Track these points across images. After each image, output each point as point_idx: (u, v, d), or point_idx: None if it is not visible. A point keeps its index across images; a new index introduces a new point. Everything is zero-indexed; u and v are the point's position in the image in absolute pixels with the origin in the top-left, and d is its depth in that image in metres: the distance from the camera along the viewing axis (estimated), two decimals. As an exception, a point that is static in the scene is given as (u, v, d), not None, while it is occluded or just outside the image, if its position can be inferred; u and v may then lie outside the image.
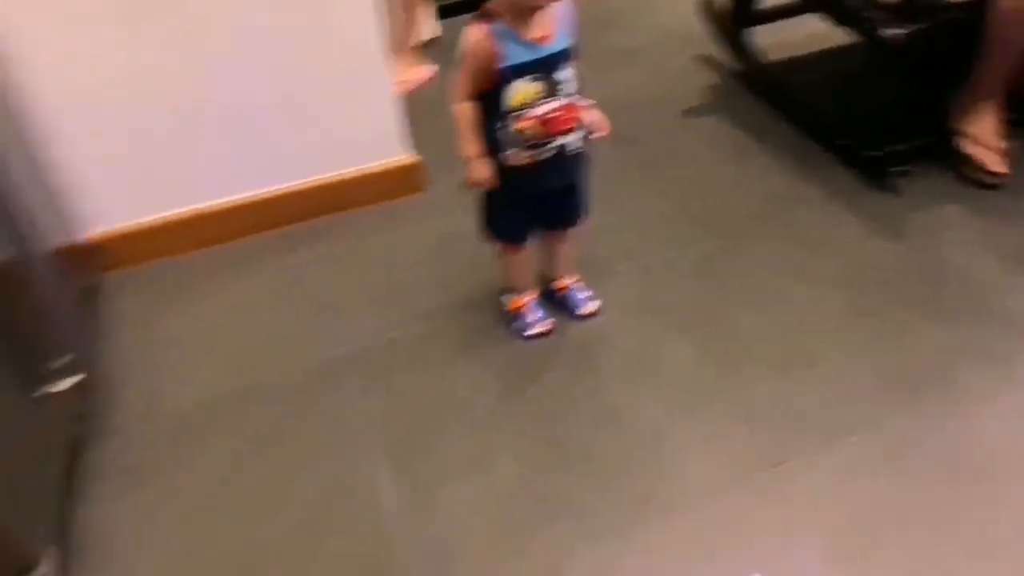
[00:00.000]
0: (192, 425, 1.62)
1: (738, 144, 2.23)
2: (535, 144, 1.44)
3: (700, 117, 2.36)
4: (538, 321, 1.70)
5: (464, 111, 1.44)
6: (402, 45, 2.68)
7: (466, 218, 1.77)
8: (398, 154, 2.14)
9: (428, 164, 2.16)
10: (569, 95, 1.43)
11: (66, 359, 1.47)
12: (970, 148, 1.95)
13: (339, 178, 2.11)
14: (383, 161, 2.13)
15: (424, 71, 2.74)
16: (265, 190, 2.08)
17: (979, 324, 1.62)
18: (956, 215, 1.89)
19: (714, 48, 2.56)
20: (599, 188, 1.65)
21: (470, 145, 1.45)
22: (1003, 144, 1.94)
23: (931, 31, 1.83)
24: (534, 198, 1.55)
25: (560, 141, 1.45)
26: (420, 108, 2.31)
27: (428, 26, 2.89)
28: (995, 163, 1.92)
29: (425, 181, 2.18)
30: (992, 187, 1.93)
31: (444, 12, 2.90)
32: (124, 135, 1.92)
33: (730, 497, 1.36)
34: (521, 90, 1.39)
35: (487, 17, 1.37)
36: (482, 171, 1.46)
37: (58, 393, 1.44)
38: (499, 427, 1.53)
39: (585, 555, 1.30)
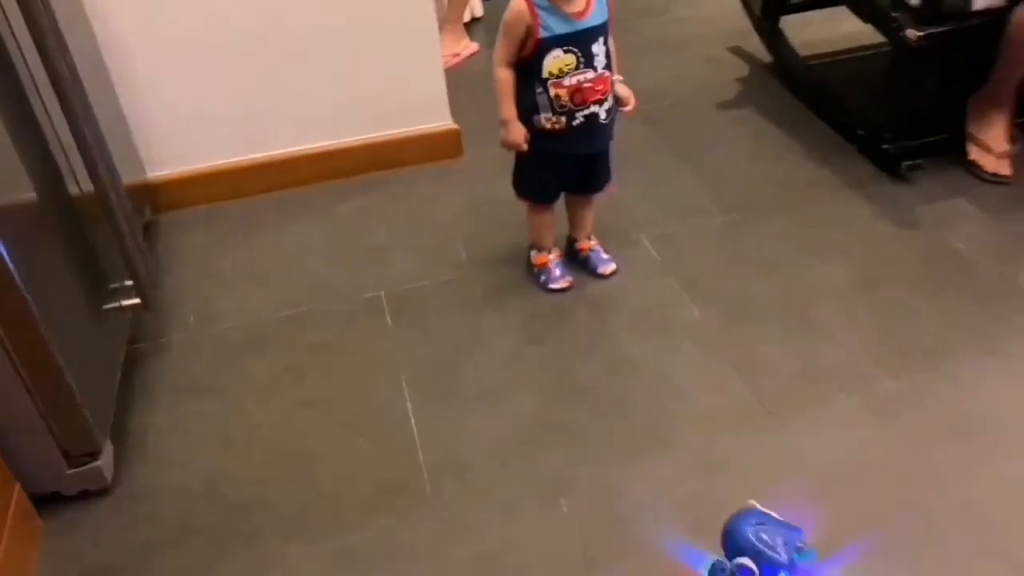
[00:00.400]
0: (240, 346, 1.78)
1: (759, 127, 2.35)
2: (567, 111, 1.58)
3: (730, 103, 2.49)
4: (561, 277, 1.83)
5: (504, 76, 1.58)
6: (450, 22, 2.83)
7: (498, 183, 1.92)
8: (442, 120, 2.29)
9: (466, 133, 2.31)
10: (601, 67, 1.57)
11: (128, 282, 1.63)
12: (976, 154, 2.06)
13: (388, 138, 2.27)
14: (428, 126, 2.28)
15: (469, 47, 2.89)
16: (318, 145, 2.24)
17: (972, 303, 1.73)
18: (962, 206, 2.00)
19: (753, 41, 2.68)
20: (626, 161, 1.79)
21: (507, 108, 1.60)
22: (1010, 148, 2.04)
23: (952, 34, 1.94)
24: (563, 162, 1.69)
25: (591, 109, 1.59)
26: (460, 82, 2.45)
27: (474, 5, 3.04)
28: (1001, 167, 2.03)
29: (462, 149, 2.33)
30: (999, 184, 2.03)
31: (489, -7, 3.07)
32: (190, 85, 2.08)
33: (725, 437, 1.49)
34: (557, 59, 1.53)
35: None
36: (517, 133, 1.60)
37: (119, 310, 1.61)
38: (519, 364, 1.67)
39: (588, 479, 1.44)
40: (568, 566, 1.32)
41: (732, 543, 1.11)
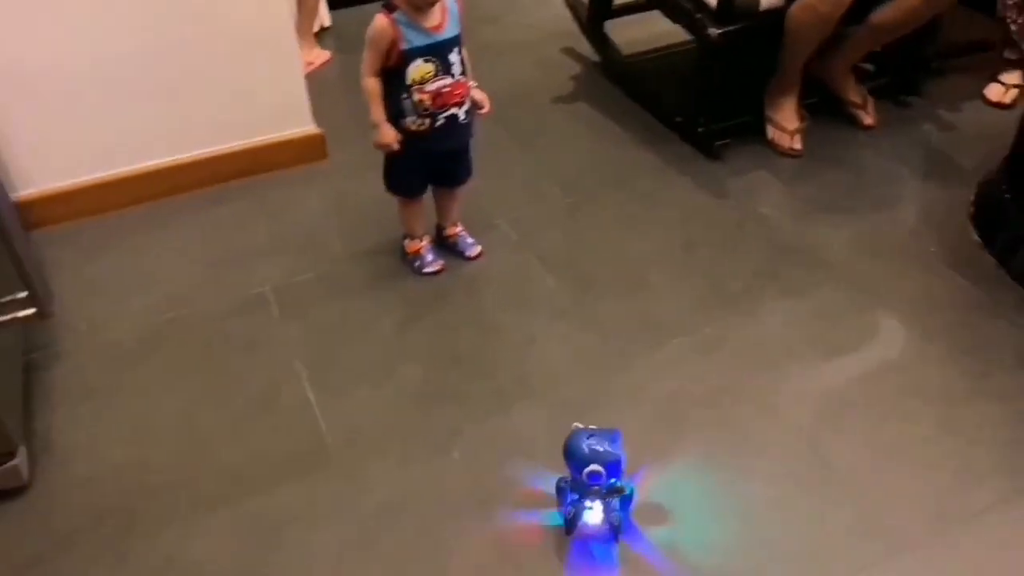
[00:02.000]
0: (132, 348, 1.89)
1: (596, 122, 2.65)
2: (430, 113, 1.79)
3: (565, 100, 2.77)
4: (433, 261, 2.05)
5: (371, 85, 1.78)
6: (301, 33, 2.97)
7: (365, 181, 2.10)
8: (305, 125, 2.45)
9: (328, 135, 2.48)
10: (458, 74, 1.79)
11: (21, 295, 1.71)
12: (773, 133, 2.44)
13: (253, 145, 2.40)
14: (292, 131, 2.44)
15: (321, 55, 3.05)
16: (186, 155, 2.35)
17: (773, 256, 2.08)
18: (765, 177, 2.36)
19: (580, 44, 2.98)
20: (482, 156, 2.01)
21: (377, 112, 1.79)
22: (800, 125, 2.42)
23: (745, 31, 2.29)
24: (429, 159, 1.90)
25: (451, 112, 1.81)
26: (318, 88, 2.61)
27: (322, 16, 3.19)
28: (793, 142, 2.41)
29: (326, 151, 2.49)
30: (793, 157, 2.41)
31: (333, 4, 3.23)
32: (53, 104, 2.15)
33: (581, 382, 1.76)
34: (419, 68, 1.74)
35: (390, 7, 1.72)
36: (388, 134, 1.80)
37: (14, 321, 1.69)
38: (402, 340, 1.88)
39: (472, 430, 1.67)
40: (462, 506, 1.54)
41: (574, 458, 1.39)
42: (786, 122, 2.41)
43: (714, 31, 2.25)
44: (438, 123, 1.81)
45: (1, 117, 2.11)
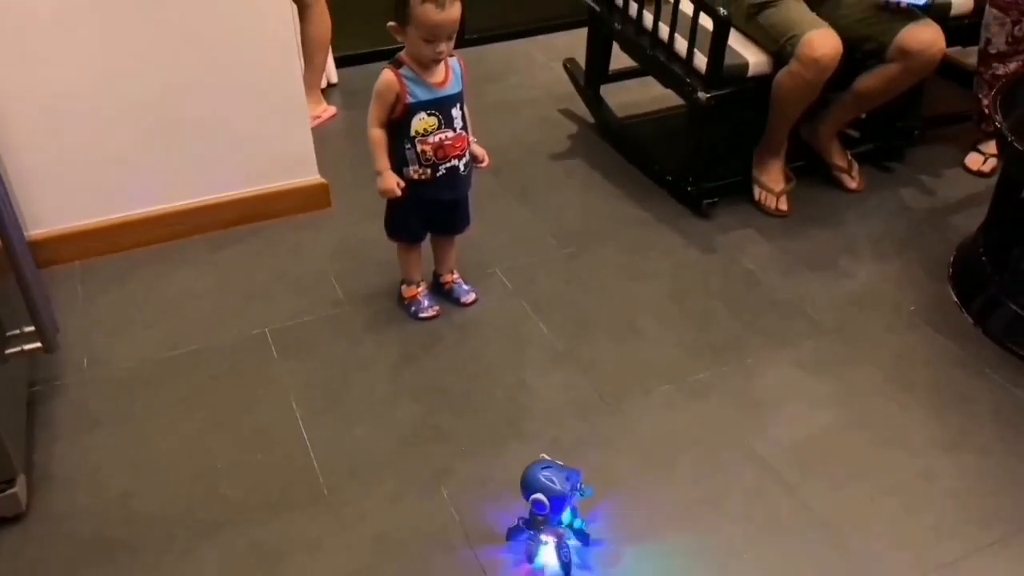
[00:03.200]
0: (134, 384, 1.94)
1: (591, 179, 2.75)
2: (432, 163, 1.88)
3: (562, 157, 2.88)
4: (429, 307, 2.11)
5: (377, 135, 1.88)
6: (308, 88, 3.09)
7: (367, 228, 2.18)
8: (311, 175, 2.54)
9: (332, 184, 2.56)
10: (459, 129, 1.89)
11: (28, 329, 1.77)
12: (760, 193, 2.54)
13: (259, 193, 2.48)
14: (298, 180, 2.52)
15: (328, 110, 3.16)
16: (195, 200, 2.43)
17: (760, 309, 2.15)
18: (752, 235, 2.45)
19: (578, 104, 3.10)
20: (480, 207, 2.11)
21: (381, 161, 1.88)
22: (786, 186, 2.52)
23: (734, 96, 2.40)
24: (429, 207, 1.99)
25: (451, 163, 1.90)
26: (324, 140, 2.72)
27: (329, 72, 3.32)
28: (779, 203, 2.50)
29: (330, 200, 2.58)
30: (779, 217, 2.51)
31: (340, 62, 3.36)
32: (67, 146, 2.23)
33: (571, 424, 1.81)
34: (422, 120, 1.84)
35: (397, 64, 1.82)
36: (390, 181, 1.88)
37: (20, 354, 1.74)
38: (396, 381, 1.93)
39: (462, 469, 1.71)
40: (450, 541, 1.58)
41: (527, 486, 1.46)
42: (772, 183, 2.51)
43: (703, 95, 2.37)
44: (439, 173, 1.90)
45: (16, 157, 2.19)
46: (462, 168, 1.93)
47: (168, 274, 2.30)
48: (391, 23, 1.79)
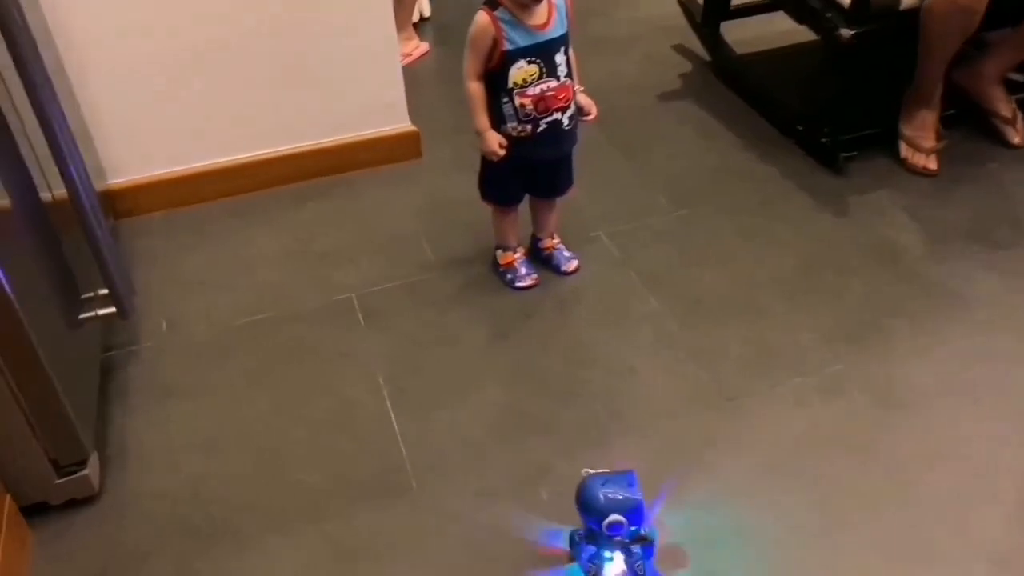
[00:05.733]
0: (212, 351, 1.81)
1: (704, 125, 2.47)
2: (532, 118, 1.66)
3: (674, 102, 2.59)
4: (527, 275, 1.91)
5: (475, 89, 1.66)
6: (399, 23, 2.87)
7: (459, 183, 1.98)
8: (401, 122, 2.34)
9: (424, 132, 2.37)
10: (564, 77, 1.65)
11: (103, 291, 1.66)
12: (906, 150, 2.20)
13: (346, 141, 2.31)
14: (388, 128, 2.33)
15: (420, 47, 2.94)
16: (278, 149, 2.27)
17: (904, 288, 1.86)
18: (893, 197, 2.14)
19: (691, 39, 2.79)
20: (582, 161, 1.87)
21: (481, 119, 1.67)
22: (937, 144, 2.18)
23: (881, 33, 2.07)
24: (528, 167, 1.76)
25: (554, 116, 1.67)
26: (414, 82, 2.51)
27: (422, 5, 3.09)
28: (928, 162, 2.17)
29: (421, 150, 2.38)
30: (927, 176, 2.18)
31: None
32: (147, 93, 2.09)
33: (686, 423, 1.60)
34: (521, 70, 1.61)
35: (493, 4, 1.59)
36: (493, 141, 1.67)
37: (95, 319, 1.63)
38: (488, 359, 1.75)
39: (560, 467, 1.52)
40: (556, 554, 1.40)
41: (591, 509, 1.26)
42: (922, 139, 2.18)
43: (846, 32, 2.04)
44: (540, 129, 1.67)
45: (95, 104, 2.07)
46: (566, 122, 1.70)
47: (249, 230, 2.17)
48: None
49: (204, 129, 2.20)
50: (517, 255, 1.93)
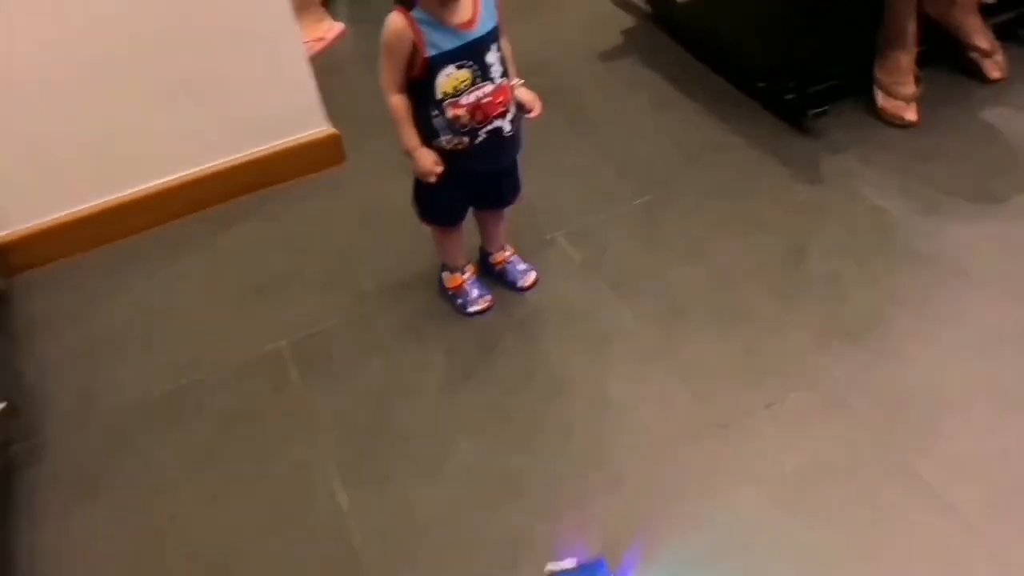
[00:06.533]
0: (130, 430, 1.58)
1: (657, 91, 2.23)
2: (469, 129, 1.42)
3: (621, 64, 2.35)
4: (479, 297, 1.69)
5: (396, 103, 1.41)
6: (305, 4, 2.56)
7: (391, 187, 1.76)
8: (318, 126, 2.08)
9: (345, 131, 2.10)
10: (499, 77, 1.41)
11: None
12: (882, 98, 1.99)
13: (260, 155, 2.05)
14: (304, 134, 2.07)
15: (333, 28, 2.64)
16: (186, 172, 2.01)
17: (900, 267, 1.68)
18: (874, 156, 1.93)
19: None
20: (529, 145, 1.60)
21: (409, 137, 1.43)
22: (915, 90, 1.97)
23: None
24: (468, 180, 1.53)
25: (494, 124, 1.43)
26: (331, 71, 2.24)
27: (332, -21, 2.77)
28: (906, 111, 1.96)
29: (344, 153, 2.12)
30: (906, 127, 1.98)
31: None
32: (29, 128, 1.82)
33: (675, 462, 1.40)
34: (451, 77, 1.36)
35: (407, 3, 1.32)
36: (426, 160, 1.43)
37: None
38: (449, 409, 1.53)
39: (543, 535, 1.32)
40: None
41: None
42: (900, 86, 1.96)
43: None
44: (479, 140, 1.43)
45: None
46: (507, 128, 1.46)
47: (164, 268, 1.91)
48: None
49: (99, 161, 1.93)
50: (466, 275, 1.70)
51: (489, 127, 1.42)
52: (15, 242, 1.92)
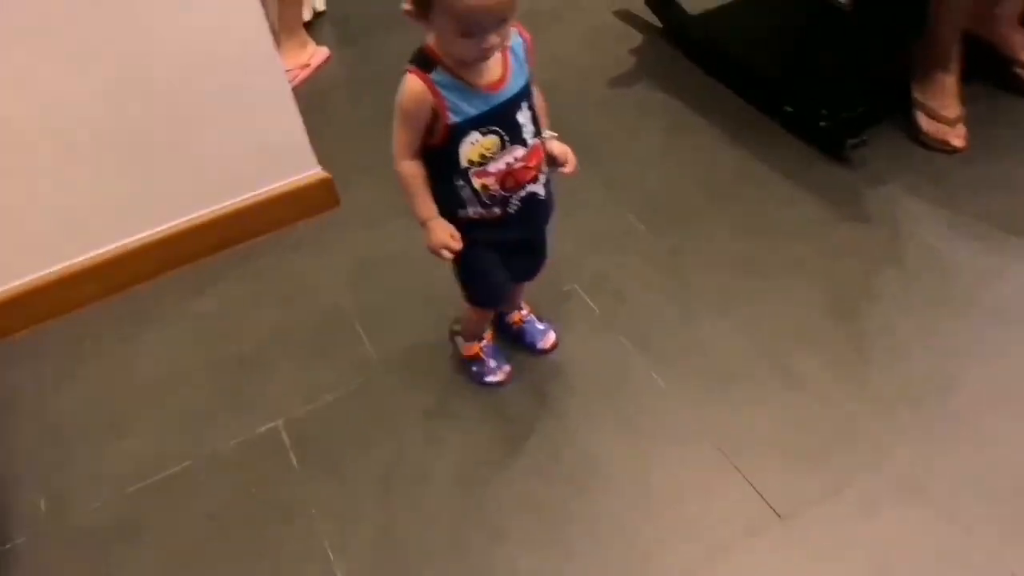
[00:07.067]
0: (108, 533, 1.40)
1: (674, 116, 2.05)
2: (501, 199, 1.23)
3: (631, 87, 2.17)
4: (497, 368, 1.51)
5: (409, 170, 1.21)
6: (287, 28, 2.37)
7: (389, 231, 1.64)
8: (307, 168, 1.89)
9: (336, 172, 1.92)
10: (531, 138, 1.22)
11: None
12: (925, 122, 1.81)
13: (242, 205, 1.86)
14: (292, 178, 1.88)
15: (318, 53, 2.44)
16: (162, 227, 1.82)
17: (963, 319, 1.50)
18: (918, 186, 1.76)
19: (636, 2, 2.35)
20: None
21: (423, 207, 1.23)
22: (959, 112, 1.79)
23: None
24: (501, 249, 1.32)
25: (528, 190, 1.24)
26: (315, 103, 2.07)
27: (311, 1, 2.57)
28: (952, 136, 1.79)
29: (337, 197, 1.93)
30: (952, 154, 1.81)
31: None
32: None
33: (730, 561, 1.23)
34: (477, 145, 1.17)
35: (425, 62, 1.13)
36: (441, 233, 1.22)
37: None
38: (467, 501, 1.35)
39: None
40: None
41: None
42: (944, 108, 1.79)
43: (847, -5, 1.63)
44: (512, 208, 1.24)
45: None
46: (542, 192, 1.27)
47: (139, 338, 1.72)
48: (405, 4, 1.09)
49: (60, 221, 1.73)
50: (483, 342, 1.52)
51: (522, 194, 1.24)
52: (-26, 310, 1.73)
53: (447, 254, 1.23)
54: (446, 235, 1.22)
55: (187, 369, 1.65)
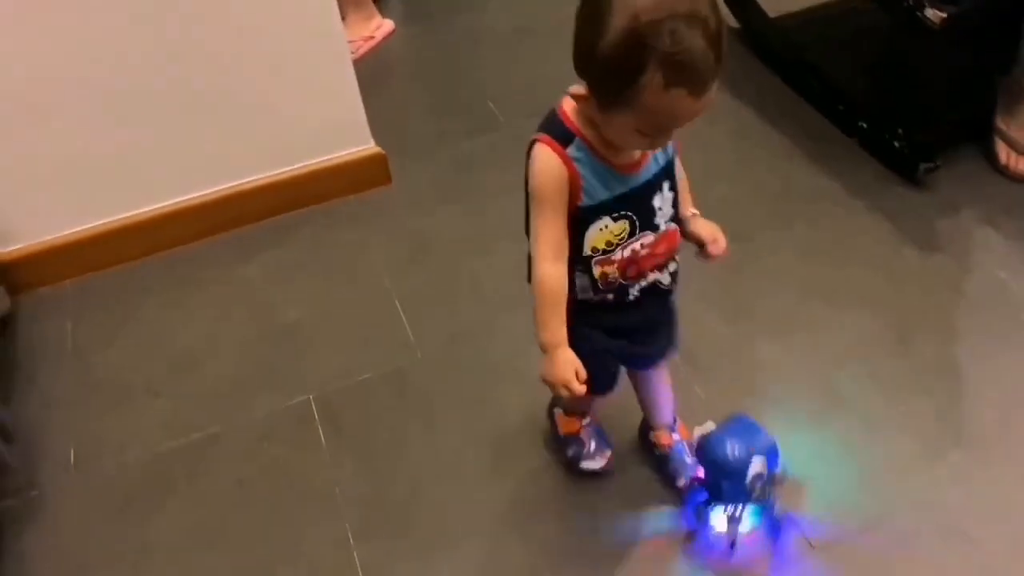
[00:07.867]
0: (134, 493, 1.40)
1: (744, 126, 1.99)
2: (618, 287, 1.06)
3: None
4: (596, 453, 1.32)
5: (554, 283, 1.00)
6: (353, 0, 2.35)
7: (440, 215, 1.61)
8: (361, 143, 1.87)
9: (391, 150, 1.89)
10: (666, 222, 1.04)
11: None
12: (1004, 153, 1.74)
13: (296, 173, 1.86)
14: (345, 152, 1.87)
15: (383, 26, 2.41)
16: (213, 189, 1.81)
17: (1030, 357, 1.43)
18: (995, 218, 1.67)
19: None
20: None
21: (553, 328, 1.02)
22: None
23: (983, 10, 1.59)
24: (612, 334, 1.13)
25: (650, 278, 1.07)
26: (377, 76, 2.04)
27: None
28: None
29: (389, 174, 1.91)
30: (1032, 187, 1.72)
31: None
32: (44, 135, 1.63)
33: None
34: (604, 231, 1.00)
35: (562, 134, 0.96)
36: (566, 370, 1.01)
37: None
38: (498, 503, 1.32)
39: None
40: None
41: (730, 470, 1.11)
42: (1025, 142, 1.71)
43: (937, 14, 1.55)
44: (630, 297, 1.08)
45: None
46: (666, 281, 1.10)
47: (182, 300, 1.72)
48: (576, 89, 0.93)
49: (117, 174, 1.74)
50: (585, 420, 1.33)
51: (643, 283, 1.07)
52: (22, 258, 1.74)
53: (566, 392, 1.03)
54: (570, 372, 1.01)
55: (226, 334, 1.64)
